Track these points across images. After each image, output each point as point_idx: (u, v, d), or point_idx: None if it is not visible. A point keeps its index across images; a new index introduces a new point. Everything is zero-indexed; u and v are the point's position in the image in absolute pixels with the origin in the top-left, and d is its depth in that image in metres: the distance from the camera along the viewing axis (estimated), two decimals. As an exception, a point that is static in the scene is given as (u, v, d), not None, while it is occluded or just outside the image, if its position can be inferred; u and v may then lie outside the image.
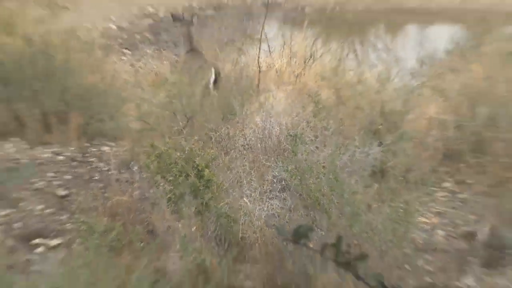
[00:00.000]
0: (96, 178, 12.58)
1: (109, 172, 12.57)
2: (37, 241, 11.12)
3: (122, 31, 21.93)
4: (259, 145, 12.28)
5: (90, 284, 9.48)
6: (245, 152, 12.24)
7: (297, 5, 22.40)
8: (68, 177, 12.67)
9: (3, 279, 9.72)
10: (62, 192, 12.40)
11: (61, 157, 13.10)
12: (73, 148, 13.33)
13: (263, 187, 11.45)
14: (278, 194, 11.31)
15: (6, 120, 13.44)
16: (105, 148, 13.10)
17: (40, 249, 10.97)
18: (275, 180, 11.55)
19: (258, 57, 15.54)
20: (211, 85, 15.82)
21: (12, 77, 13.51)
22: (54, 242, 11.20)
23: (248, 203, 11.08)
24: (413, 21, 21.62)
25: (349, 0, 24.06)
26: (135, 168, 12.29)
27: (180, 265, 10.23)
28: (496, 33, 16.55)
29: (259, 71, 14.62)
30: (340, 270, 3.86)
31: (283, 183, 11.41)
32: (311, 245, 3.78)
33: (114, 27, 22.26)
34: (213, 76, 15.85)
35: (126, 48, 22.47)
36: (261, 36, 16.37)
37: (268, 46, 16.47)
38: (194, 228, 10.64)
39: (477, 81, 14.05)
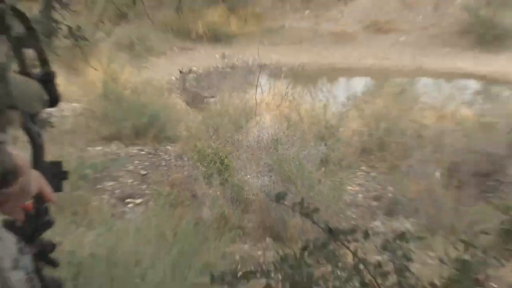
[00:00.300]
0: (163, 164, 12.56)
1: (170, 161, 12.55)
2: (128, 200, 11.10)
3: (178, 80, 21.87)
4: (256, 145, 12.24)
5: (158, 226, 9.36)
6: (248, 149, 12.22)
7: (278, 66, 22.31)
8: (146, 163, 12.63)
9: (108, 222, 9.64)
10: (143, 172, 12.37)
11: (143, 152, 13.06)
12: (150, 147, 13.28)
13: (258, 169, 11.39)
14: (267, 173, 11.25)
15: (112, 132, 13.48)
16: (168, 147, 13.04)
17: (130, 205, 10.94)
18: (265, 166, 11.51)
19: (255, 95, 15.50)
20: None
21: (114, 108, 13.57)
22: (138, 201, 11.18)
23: (250, 179, 11.04)
24: (343, 75, 21.31)
25: (307, 64, 24.00)
26: (185, 158, 12.25)
27: (211, 214, 10.20)
28: (390, 82, 16.43)
29: (256, 104, 14.57)
30: (303, 218, 3.75)
31: (270, 167, 11.36)
32: (286, 203, 3.67)
33: (174, 78, 22.17)
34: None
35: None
36: (257, 83, 16.34)
37: (261, 89, 16.36)
38: (218, 192, 10.73)
39: (380, 108, 14.09)
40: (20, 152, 1.80)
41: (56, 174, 2.07)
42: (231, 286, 3.65)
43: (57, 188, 2.05)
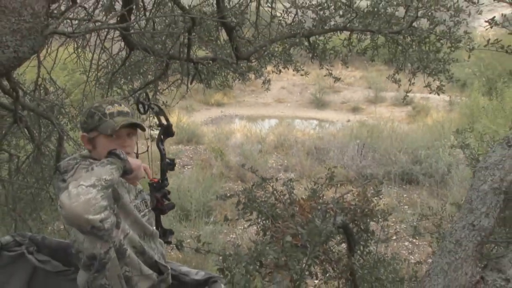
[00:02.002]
0: (198, 152, 12.19)
1: (201, 151, 12.20)
2: (186, 166, 10.80)
3: (204, 121, 21.16)
4: (234, 145, 12.03)
5: (197, 176, 9.17)
6: (230, 147, 11.97)
7: (242, 115, 20.85)
8: (192, 152, 12.26)
9: (178, 175, 9.40)
10: (190, 155, 11.97)
11: (191, 148, 12.60)
12: (193, 146, 12.89)
13: (235, 154, 11.19)
14: (238, 156, 11.07)
15: (178, 140, 13.18)
16: (200, 146, 12.63)
17: (186, 168, 10.65)
18: (237, 153, 11.31)
19: (234, 126, 15.32)
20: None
21: (179, 131, 13.25)
22: (189, 167, 10.87)
23: (232, 158, 10.83)
24: (266, 118, 20.33)
25: (253, 114, 22.98)
26: (207, 150, 11.87)
27: (216, 172, 9.99)
28: (284, 121, 16.44)
29: (234, 129, 14.44)
30: (252, 173, 3.68)
31: (239, 154, 11.16)
32: (246, 168, 3.59)
33: (203, 120, 21.31)
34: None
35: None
36: (234, 121, 16.41)
37: (236, 124, 16.13)
38: (219, 163, 10.35)
39: (280, 130, 14.24)
40: (134, 159, 1.83)
41: (172, 163, 2.08)
42: (223, 200, 3.57)
43: (172, 168, 2.09)
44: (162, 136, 2.07)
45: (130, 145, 1.87)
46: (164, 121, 2.10)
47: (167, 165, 2.05)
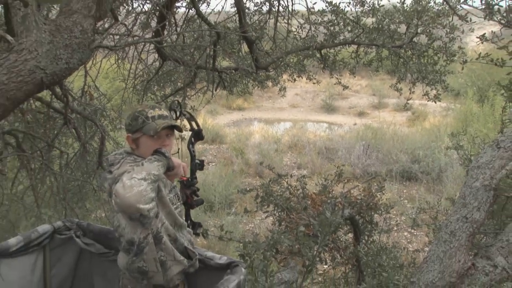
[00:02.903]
0: (221, 151, 12.21)
1: (224, 150, 12.20)
2: (210, 164, 10.80)
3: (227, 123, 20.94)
4: (253, 145, 11.97)
5: (220, 172, 9.19)
6: (250, 146, 11.92)
7: (260, 118, 20.59)
8: (216, 151, 12.26)
9: (204, 171, 9.43)
10: (214, 154, 11.98)
11: (214, 147, 12.65)
12: (216, 146, 12.87)
13: (254, 153, 11.15)
14: (257, 154, 11.01)
15: (203, 140, 13.15)
16: (223, 145, 12.63)
17: (211, 165, 10.60)
18: (256, 152, 11.26)
19: (253, 128, 15.30)
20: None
21: (205, 131, 13.15)
22: (213, 164, 10.84)
23: (251, 156, 10.80)
24: (281, 121, 20.03)
25: (270, 117, 22.34)
26: (229, 149, 11.82)
27: (237, 168, 9.96)
28: (297, 124, 16.36)
29: (253, 130, 14.38)
30: (269, 170, 3.67)
31: (257, 152, 11.12)
32: (263, 165, 3.58)
33: (226, 122, 21.00)
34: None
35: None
36: (253, 124, 16.38)
37: (255, 126, 16.15)
38: (240, 161, 10.32)
39: (294, 132, 14.07)
40: (175, 158, 1.82)
41: (201, 163, 2.03)
42: (243, 193, 3.58)
43: (201, 168, 2.03)
44: (193, 139, 2.05)
45: (169, 145, 1.87)
46: (195, 126, 2.08)
47: (197, 165, 2.03)
